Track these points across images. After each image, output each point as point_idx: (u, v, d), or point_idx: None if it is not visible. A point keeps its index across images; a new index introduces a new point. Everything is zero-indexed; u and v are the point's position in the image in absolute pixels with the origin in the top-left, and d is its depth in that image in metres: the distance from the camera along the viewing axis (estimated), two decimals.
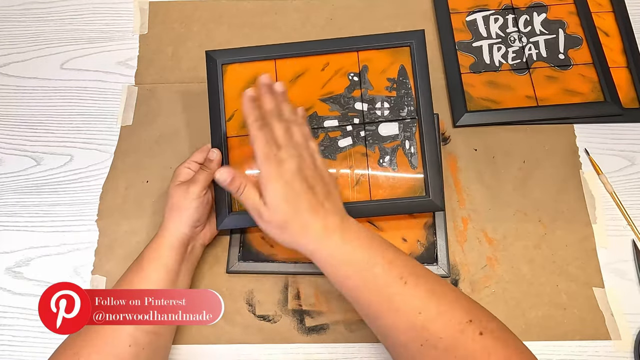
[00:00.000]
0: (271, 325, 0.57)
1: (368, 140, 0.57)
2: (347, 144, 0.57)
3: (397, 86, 0.57)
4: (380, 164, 0.56)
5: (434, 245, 0.59)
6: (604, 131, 0.65)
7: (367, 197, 0.56)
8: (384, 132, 0.57)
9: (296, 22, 0.72)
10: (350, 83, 0.58)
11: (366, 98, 0.57)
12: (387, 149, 0.57)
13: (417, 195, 0.55)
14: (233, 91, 0.58)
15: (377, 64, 0.58)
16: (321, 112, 0.58)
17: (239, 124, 0.57)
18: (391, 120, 0.57)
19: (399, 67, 0.57)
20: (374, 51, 0.58)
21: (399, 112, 0.57)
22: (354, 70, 0.58)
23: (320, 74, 0.58)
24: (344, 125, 0.57)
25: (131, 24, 0.74)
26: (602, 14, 0.70)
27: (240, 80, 0.58)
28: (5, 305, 0.59)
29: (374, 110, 0.57)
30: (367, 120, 0.57)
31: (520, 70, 0.67)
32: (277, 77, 0.58)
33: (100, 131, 0.67)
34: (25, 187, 0.65)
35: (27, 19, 0.75)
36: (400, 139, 0.57)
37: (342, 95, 0.58)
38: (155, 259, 0.51)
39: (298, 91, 0.58)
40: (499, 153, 0.64)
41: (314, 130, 0.57)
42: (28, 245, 0.61)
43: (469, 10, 0.71)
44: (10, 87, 0.71)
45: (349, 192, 0.56)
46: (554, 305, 0.56)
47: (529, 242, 0.59)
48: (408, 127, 0.56)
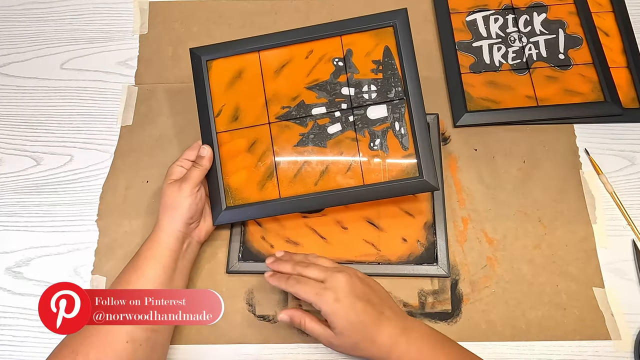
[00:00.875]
0: (271, 325, 0.57)
1: (357, 124, 0.56)
2: (337, 130, 0.56)
3: (382, 68, 0.57)
4: (371, 147, 0.56)
5: (434, 245, 0.59)
6: (604, 131, 0.65)
7: (360, 182, 0.55)
8: (373, 115, 0.56)
9: (296, 22, 0.72)
10: (335, 68, 0.57)
11: (352, 82, 0.57)
12: (377, 132, 0.56)
13: (410, 177, 0.55)
14: (220, 86, 0.58)
15: (361, 47, 0.57)
16: (308, 100, 0.57)
17: (228, 119, 0.58)
18: (379, 103, 0.56)
19: (384, 48, 0.57)
20: (357, 34, 0.57)
21: (386, 94, 0.56)
22: (338, 55, 0.57)
23: (305, 62, 0.58)
24: (332, 111, 0.57)
25: (131, 24, 0.74)
26: (602, 14, 0.70)
27: (226, 75, 0.58)
28: (5, 305, 0.59)
29: (361, 94, 0.57)
30: (355, 104, 0.56)
31: (520, 70, 0.67)
32: (262, 68, 0.58)
33: (100, 131, 0.67)
34: (25, 187, 0.65)
35: (27, 19, 0.75)
36: (389, 120, 0.56)
37: (328, 81, 0.57)
38: (151, 258, 0.51)
39: (284, 81, 0.58)
40: (499, 153, 0.64)
41: (302, 119, 0.57)
42: (28, 245, 0.61)
43: (469, 10, 0.71)
44: (10, 87, 0.71)
45: (342, 179, 0.56)
46: (554, 305, 0.56)
47: (529, 242, 0.59)
48: (397, 108, 0.56)
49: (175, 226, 0.53)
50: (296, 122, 0.57)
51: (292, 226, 0.60)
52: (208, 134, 0.57)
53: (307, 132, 0.57)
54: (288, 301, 0.57)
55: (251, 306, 0.57)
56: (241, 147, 0.57)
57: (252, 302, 0.58)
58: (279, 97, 0.57)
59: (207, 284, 0.58)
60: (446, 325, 0.56)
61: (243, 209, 0.56)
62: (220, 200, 0.56)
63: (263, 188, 0.57)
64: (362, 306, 0.47)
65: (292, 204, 0.56)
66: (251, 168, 0.57)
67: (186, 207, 0.53)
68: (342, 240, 0.60)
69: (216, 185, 0.57)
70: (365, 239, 0.59)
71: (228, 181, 0.57)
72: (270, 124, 0.57)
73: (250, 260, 0.59)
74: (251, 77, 0.58)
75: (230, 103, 0.58)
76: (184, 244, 0.53)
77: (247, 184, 0.57)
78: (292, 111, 0.57)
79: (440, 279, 0.58)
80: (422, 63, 0.68)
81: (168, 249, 0.52)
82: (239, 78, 0.58)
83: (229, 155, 0.57)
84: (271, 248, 0.59)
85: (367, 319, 0.47)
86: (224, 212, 0.56)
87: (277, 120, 0.57)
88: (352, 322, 0.46)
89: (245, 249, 0.60)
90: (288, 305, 0.57)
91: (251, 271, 0.58)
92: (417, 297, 0.57)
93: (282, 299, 0.57)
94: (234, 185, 0.57)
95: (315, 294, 0.47)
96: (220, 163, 0.57)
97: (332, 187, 0.56)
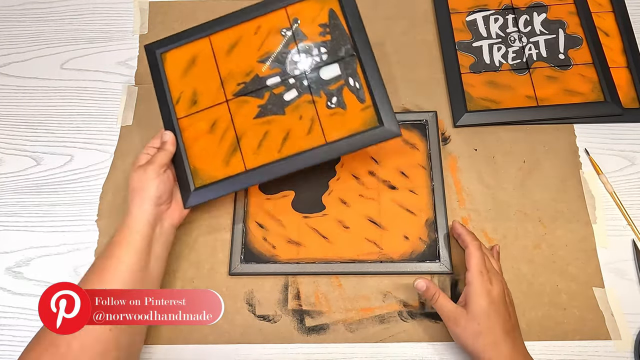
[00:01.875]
0: (271, 325, 0.57)
1: (312, 87, 0.57)
2: (293, 96, 0.57)
3: (330, 30, 0.58)
4: (329, 106, 0.56)
5: (436, 243, 0.59)
6: (604, 131, 0.65)
7: (323, 142, 0.56)
8: (326, 75, 0.57)
9: None
10: (284, 39, 0.58)
11: (302, 48, 0.58)
12: (332, 91, 0.57)
13: (371, 127, 0.55)
14: (176, 75, 0.59)
15: (306, 14, 0.58)
16: (262, 73, 0.58)
17: (187, 104, 0.59)
18: (331, 63, 0.57)
19: (329, 11, 0.58)
20: (301, 3, 0.58)
21: (336, 53, 0.57)
22: (285, 26, 0.58)
23: (254, 38, 0.59)
24: (286, 78, 0.58)
25: (131, 24, 0.74)
26: (602, 14, 0.70)
27: (181, 64, 0.60)
28: (5, 305, 0.59)
29: (312, 57, 0.58)
30: (307, 68, 0.57)
31: (520, 70, 0.67)
32: (214, 51, 0.59)
33: (100, 131, 0.67)
34: (25, 187, 0.65)
35: (27, 19, 0.75)
36: (343, 78, 0.57)
37: (279, 51, 0.58)
38: (125, 244, 0.51)
39: (236, 59, 0.59)
40: (499, 153, 0.64)
41: (258, 91, 0.58)
42: (28, 245, 0.61)
43: (469, 10, 0.71)
44: (10, 87, 0.71)
45: (304, 142, 0.56)
46: (554, 305, 0.56)
47: (529, 242, 0.59)
48: (349, 64, 0.57)
49: (145, 209, 0.53)
50: (253, 95, 0.58)
51: (294, 227, 0.60)
52: (169, 122, 0.58)
53: (265, 103, 0.58)
54: (288, 301, 0.57)
55: (251, 306, 0.57)
56: (202, 129, 0.58)
57: (252, 302, 0.58)
58: (233, 74, 0.59)
59: (207, 284, 0.58)
60: None
61: (212, 187, 0.56)
62: (188, 182, 0.57)
63: (229, 164, 0.57)
64: (503, 311, 0.50)
65: (258, 173, 0.56)
66: (214, 147, 0.58)
67: (153, 188, 0.53)
68: (344, 240, 0.60)
69: (182, 169, 0.57)
70: (367, 238, 0.60)
71: (194, 163, 0.58)
72: (228, 102, 0.58)
73: (252, 262, 0.59)
74: (204, 61, 0.59)
75: (188, 89, 0.59)
76: (155, 228, 0.53)
77: (213, 163, 0.57)
78: (248, 86, 0.58)
79: (441, 279, 0.58)
80: (422, 63, 0.69)
81: (140, 234, 0.52)
82: (193, 64, 0.59)
83: (192, 139, 0.58)
84: (273, 249, 0.59)
85: (501, 322, 0.49)
86: (193, 194, 0.57)
87: (234, 97, 0.58)
88: (488, 313, 0.49)
89: (247, 251, 0.60)
90: (288, 305, 0.57)
91: (253, 273, 0.58)
92: (417, 297, 0.57)
93: (282, 299, 0.58)
94: (200, 167, 0.57)
95: (480, 271, 0.50)
96: (184, 148, 0.58)
97: (296, 151, 0.56)
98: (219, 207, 0.62)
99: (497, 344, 0.48)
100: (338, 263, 0.58)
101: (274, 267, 0.58)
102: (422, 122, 0.65)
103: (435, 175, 0.61)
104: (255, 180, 0.56)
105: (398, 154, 0.63)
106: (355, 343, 0.56)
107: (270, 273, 0.58)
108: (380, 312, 0.57)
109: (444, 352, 0.55)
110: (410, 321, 0.56)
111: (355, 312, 0.57)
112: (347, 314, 0.57)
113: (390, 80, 0.68)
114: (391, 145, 0.64)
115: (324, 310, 0.57)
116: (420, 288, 0.52)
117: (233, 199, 0.62)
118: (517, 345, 0.49)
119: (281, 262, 0.59)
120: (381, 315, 0.57)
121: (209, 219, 0.61)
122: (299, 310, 0.57)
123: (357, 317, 0.57)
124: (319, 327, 0.56)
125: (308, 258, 0.59)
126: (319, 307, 0.57)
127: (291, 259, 0.59)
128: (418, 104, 0.66)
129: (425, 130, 0.64)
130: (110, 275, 0.49)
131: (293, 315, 0.57)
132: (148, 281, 0.52)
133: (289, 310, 0.57)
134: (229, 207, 0.62)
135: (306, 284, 0.58)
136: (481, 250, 0.53)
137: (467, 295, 0.50)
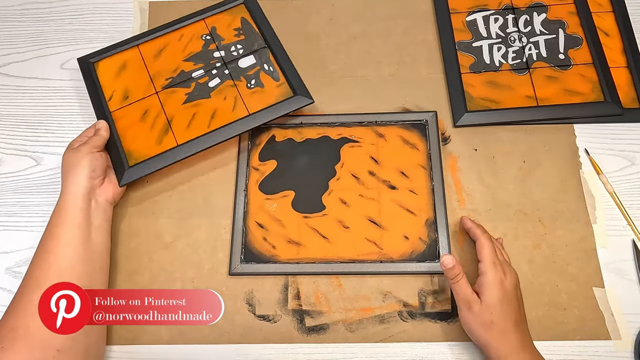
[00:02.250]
0: (271, 325, 0.57)
1: (233, 74, 0.65)
2: (217, 83, 0.65)
3: (243, 31, 0.68)
4: (249, 87, 0.64)
5: (436, 243, 0.59)
6: (604, 131, 0.65)
7: (246, 113, 0.62)
8: (244, 64, 0.65)
9: (296, 22, 0.72)
10: (205, 42, 0.67)
11: (221, 47, 0.67)
12: (250, 75, 0.65)
13: (287, 97, 0.62)
14: (108, 78, 0.66)
15: (222, 23, 0.68)
16: (187, 69, 0.66)
17: (119, 100, 0.64)
18: (247, 55, 0.66)
19: (241, 19, 0.68)
20: (217, 15, 0.68)
21: (251, 47, 0.66)
22: (205, 32, 0.68)
23: (179, 43, 0.67)
24: (209, 70, 0.65)
25: (131, 24, 0.74)
26: (602, 14, 0.70)
27: (112, 69, 0.66)
28: (5, 305, 0.59)
29: (230, 53, 0.66)
30: (227, 61, 0.66)
31: (520, 70, 0.67)
32: (143, 56, 0.66)
33: None
34: (25, 187, 0.65)
35: (27, 19, 0.75)
36: (258, 65, 0.65)
37: (202, 51, 0.67)
38: (63, 221, 0.53)
39: (164, 61, 0.66)
40: (499, 153, 0.64)
41: (185, 82, 0.65)
42: (28, 245, 0.61)
43: (469, 10, 0.71)
44: (10, 87, 0.71)
45: (229, 115, 0.62)
46: (554, 305, 0.56)
47: (529, 242, 0.59)
48: (262, 54, 0.66)
49: (78, 183, 0.54)
50: (180, 86, 0.65)
51: (294, 227, 0.60)
52: (102, 114, 0.63)
53: (191, 91, 0.64)
54: (288, 301, 0.57)
55: (251, 306, 0.57)
56: (135, 118, 0.63)
57: (252, 302, 0.58)
58: (161, 72, 0.66)
59: (207, 284, 0.58)
60: (446, 325, 0.56)
61: (145, 163, 0.60)
62: (122, 162, 0.60)
63: (161, 143, 0.61)
64: (516, 302, 0.51)
65: (190, 146, 0.60)
66: (147, 131, 0.62)
67: (86, 162, 0.55)
68: (344, 240, 0.60)
69: (117, 152, 0.60)
70: (367, 238, 0.60)
71: (128, 147, 0.61)
72: (158, 93, 0.64)
73: (252, 262, 0.59)
74: (134, 65, 0.66)
75: (120, 88, 0.65)
76: (91, 202, 0.55)
77: (146, 144, 0.61)
78: (175, 79, 0.65)
79: (441, 279, 0.58)
80: (422, 63, 0.69)
81: (76, 208, 0.53)
82: (124, 68, 0.66)
83: (125, 127, 0.62)
84: (273, 249, 0.59)
85: (512, 313, 0.50)
86: (127, 171, 0.59)
87: (163, 89, 0.65)
88: (501, 303, 0.49)
89: (247, 251, 0.60)
90: (288, 305, 0.57)
91: (253, 273, 0.58)
92: (417, 296, 0.57)
93: (282, 299, 0.58)
94: (133, 148, 0.61)
95: (493, 262, 0.51)
96: (118, 135, 0.62)
97: (224, 124, 0.62)
98: (219, 206, 0.62)
99: (506, 334, 0.49)
100: (338, 263, 0.58)
101: (274, 267, 0.58)
102: (422, 122, 0.65)
103: (435, 175, 0.62)
104: (188, 151, 0.60)
105: (398, 154, 0.63)
106: (355, 343, 0.56)
107: (270, 273, 0.58)
108: (380, 312, 0.57)
109: (444, 352, 0.55)
110: (410, 321, 0.56)
111: (355, 312, 0.57)
112: (347, 314, 0.57)
113: (391, 80, 0.68)
114: (391, 145, 0.64)
115: (324, 310, 0.57)
116: (446, 265, 0.51)
117: (233, 199, 0.62)
118: (525, 337, 0.50)
119: (281, 262, 0.59)
120: (381, 315, 0.57)
121: (209, 219, 0.61)
122: (299, 310, 0.57)
123: (357, 317, 0.57)
124: (319, 327, 0.56)
125: (308, 258, 0.59)
126: (319, 307, 0.57)
127: (291, 259, 0.59)
128: (418, 104, 0.66)
129: (425, 130, 0.64)
130: (54, 256, 0.51)
131: (293, 315, 0.57)
132: (94, 254, 0.53)
133: (289, 310, 0.57)
134: (229, 207, 0.62)
135: (306, 284, 0.58)
136: (492, 241, 0.54)
137: (481, 285, 0.51)
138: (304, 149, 0.64)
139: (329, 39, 0.71)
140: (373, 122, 0.65)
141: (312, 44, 0.71)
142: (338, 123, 0.65)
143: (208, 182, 0.63)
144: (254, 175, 0.63)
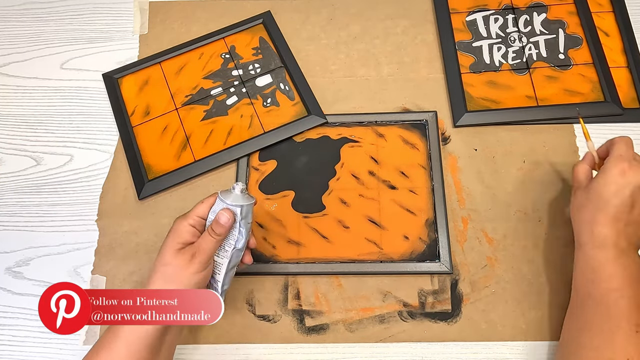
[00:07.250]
0: (271, 325, 0.57)
1: (250, 92, 0.67)
2: (234, 101, 0.67)
3: (261, 51, 0.70)
4: (265, 105, 0.66)
5: (436, 242, 0.59)
6: (604, 131, 0.64)
7: (262, 131, 0.65)
8: (261, 83, 0.68)
9: (296, 22, 0.72)
10: (224, 60, 0.70)
11: (239, 65, 0.69)
12: (267, 94, 0.67)
13: (302, 116, 0.65)
14: (131, 94, 0.68)
15: (241, 42, 0.71)
16: (206, 86, 0.68)
17: (141, 115, 0.67)
18: (264, 74, 0.68)
19: (259, 38, 0.71)
20: (236, 34, 0.71)
21: (268, 66, 0.69)
22: (224, 51, 0.70)
23: (199, 62, 0.70)
24: (227, 88, 0.68)
25: (131, 24, 0.74)
26: (602, 14, 0.70)
27: (135, 85, 0.69)
28: (5, 305, 0.59)
29: (248, 71, 0.69)
30: (244, 79, 0.68)
31: (520, 70, 0.67)
32: (164, 73, 0.69)
33: (100, 131, 0.67)
34: (25, 187, 0.65)
35: (27, 19, 0.75)
36: (275, 84, 0.68)
37: (220, 69, 0.69)
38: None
39: (184, 78, 0.69)
40: (499, 153, 0.64)
41: (204, 99, 0.67)
42: (28, 245, 0.61)
43: (469, 10, 0.71)
44: (10, 87, 0.71)
45: (245, 133, 0.65)
46: (554, 305, 0.56)
47: (529, 242, 0.59)
48: (278, 74, 0.68)
49: None
50: (199, 103, 0.67)
51: (294, 227, 0.60)
52: (125, 128, 0.66)
53: (210, 108, 0.67)
54: (288, 301, 0.57)
55: (251, 306, 0.57)
56: (155, 133, 0.66)
57: (252, 302, 0.58)
58: (182, 90, 0.68)
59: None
60: (446, 325, 0.56)
61: (164, 177, 0.63)
62: (142, 176, 0.63)
63: (179, 158, 0.64)
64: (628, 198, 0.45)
65: (206, 162, 0.63)
66: (166, 147, 0.65)
67: (192, 286, 0.47)
68: (344, 240, 0.60)
69: (137, 166, 0.63)
70: (367, 238, 0.60)
71: (147, 161, 0.64)
72: (177, 110, 0.67)
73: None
74: (156, 82, 0.69)
75: (142, 104, 0.68)
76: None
77: (165, 159, 0.64)
78: (194, 97, 0.68)
79: (440, 279, 0.58)
80: (422, 63, 0.69)
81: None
82: (146, 84, 0.69)
83: (145, 141, 0.65)
84: (273, 249, 0.59)
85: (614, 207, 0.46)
86: (146, 185, 0.62)
87: (183, 106, 0.67)
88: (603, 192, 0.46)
89: None
90: (288, 305, 0.57)
91: (253, 272, 0.58)
92: (417, 296, 0.57)
93: (282, 298, 0.58)
94: (153, 163, 0.64)
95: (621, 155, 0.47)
96: (139, 149, 0.65)
97: (240, 141, 0.64)
98: None
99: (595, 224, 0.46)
100: (338, 263, 0.58)
101: (274, 267, 0.58)
102: (422, 122, 0.65)
103: (435, 175, 0.62)
104: (204, 168, 0.63)
105: (398, 154, 0.63)
106: (355, 343, 0.56)
107: (270, 273, 0.58)
108: (380, 312, 0.57)
109: (444, 352, 0.55)
110: (410, 321, 0.56)
111: (355, 312, 0.57)
112: (347, 314, 0.57)
113: (391, 80, 0.68)
114: (391, 145, 0.64)
115: (324, 310, 0.57)
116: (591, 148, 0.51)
117: None
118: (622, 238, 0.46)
119: (281, 262, 0.59)
120: (381, 315, 0.57)
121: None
122: (299, 310, 0.57)
123: (357, 317, 0.57)
124: (319, 327, 0.56)
125: (308, 258, 0.59)
126: (319, 307, 0.57)
127: (291, 259, 0.59)
128: (418, 104, 0.66)
129: (425, 130, 0.64)
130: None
131: (293, 315, 0.57)
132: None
133: (289, 310, 0.57)
134: None
135: (306, 284, 0.58)
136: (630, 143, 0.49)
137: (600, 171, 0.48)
138: (304, 149, 0.64)
139: (329, 39, 0.71)
140: (373, 122, 0.65)
141: (312, 44, 0.71)
142: (338, 123, 0.66)
143: (208, 182, 0.64)
144: (254, 175, 0.63)
